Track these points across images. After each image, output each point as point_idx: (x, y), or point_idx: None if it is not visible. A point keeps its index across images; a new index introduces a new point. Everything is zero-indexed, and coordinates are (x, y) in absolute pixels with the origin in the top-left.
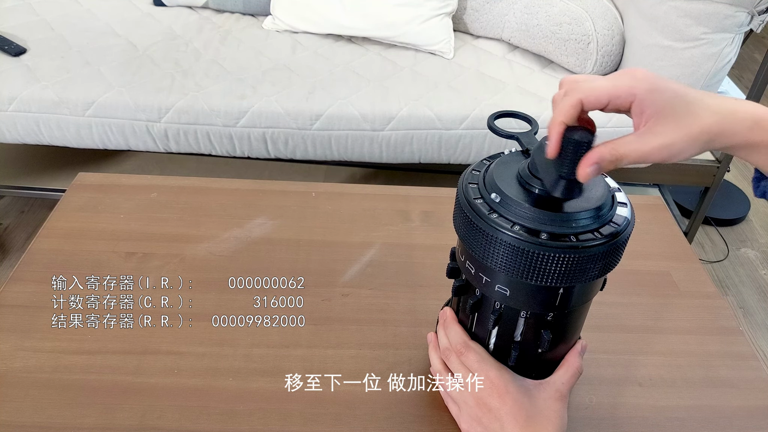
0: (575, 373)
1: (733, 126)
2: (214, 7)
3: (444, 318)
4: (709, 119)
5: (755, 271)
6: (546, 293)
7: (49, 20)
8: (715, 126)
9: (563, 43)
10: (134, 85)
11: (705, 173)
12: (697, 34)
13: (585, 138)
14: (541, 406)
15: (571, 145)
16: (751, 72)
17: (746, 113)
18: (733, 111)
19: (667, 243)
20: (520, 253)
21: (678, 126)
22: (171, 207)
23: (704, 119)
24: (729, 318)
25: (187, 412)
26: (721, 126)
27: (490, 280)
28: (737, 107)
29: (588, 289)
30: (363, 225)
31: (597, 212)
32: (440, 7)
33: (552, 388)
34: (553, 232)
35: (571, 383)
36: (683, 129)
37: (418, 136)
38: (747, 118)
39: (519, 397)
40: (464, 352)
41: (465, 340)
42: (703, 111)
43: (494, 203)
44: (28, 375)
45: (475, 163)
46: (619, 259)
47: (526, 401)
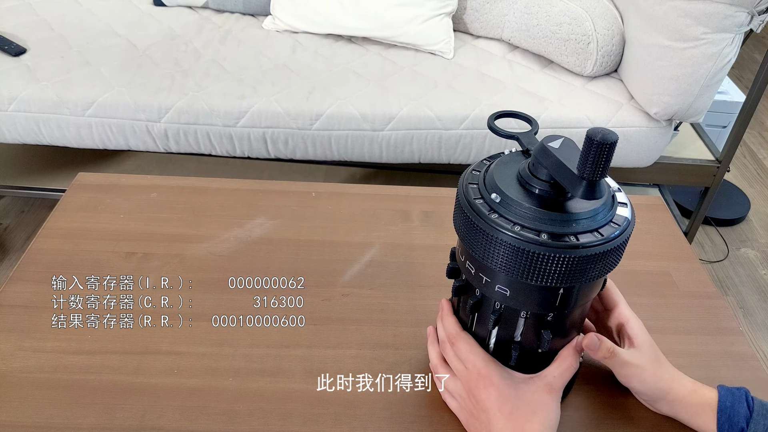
0: (568, 367)
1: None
2: (214, 7)
3: (440, 309)
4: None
5: (755, 271)
6: (546, 293)
7: (49, 20)
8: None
9: (563, 43)
10: (134, 85)
11: (705, 173)
12: (697, 34)
13: (609, 138)
14: (527, 398)
15: (594, 146)
16: (751, 72)
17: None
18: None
19: (667, 243)
20: (520, 253)
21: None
22: (171, 207)
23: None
24: (729, 318)
25: (187, 412)
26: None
27: (490, 280)
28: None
29: (588, 289)
30: (363, 225)
31: (597, 212)
32: (440, 7)
33: (542, 381)
34: (554, 232)
35: (564, 377)
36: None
37: (418, 136)
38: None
39: (504, 388)
40: (455, 342)
41: (457, 330)
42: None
43: (494, 203)
44: (28, 375)
45: (475, 164)
46: (619, 260)
47: (512, 393)
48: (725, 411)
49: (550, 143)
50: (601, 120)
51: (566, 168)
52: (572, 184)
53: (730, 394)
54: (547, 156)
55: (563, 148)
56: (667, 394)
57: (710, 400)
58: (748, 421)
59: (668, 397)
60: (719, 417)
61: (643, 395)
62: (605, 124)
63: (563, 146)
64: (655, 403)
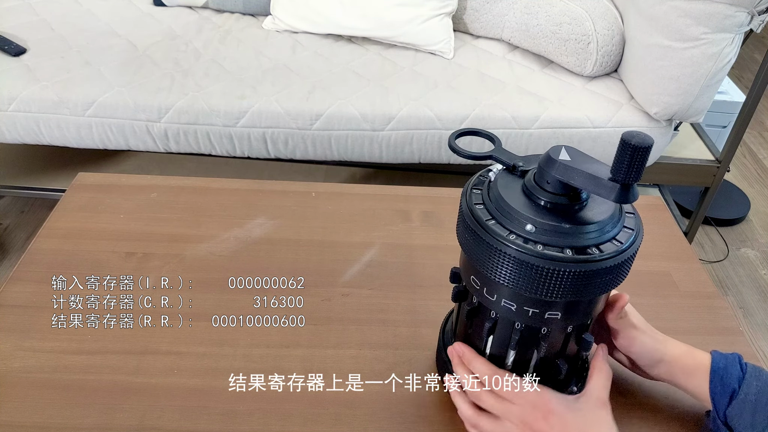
0: (608, 376)
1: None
2: (214, 7)
3: (461, 354)
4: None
5: (755, 271)
6: (584, 305)
7: (49, 20)
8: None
9: (563, 43)
10: (134, 85)
11: (705, 173)
12: (697, 34)
13: (645, 142)
14: (589, 418)
15: (630, 149)
16: (751, 72)
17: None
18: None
19: (667, 243)
20: (583, 276)
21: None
22: (171, 207)
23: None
24: (729, 318)
25: (187, 412)
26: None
27: (539, 311)
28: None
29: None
30: (363, 225)
31: (600, 227)
32: (440, 7)
33: (593, 396)
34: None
35: (608, 388)
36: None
37: (418, 136)
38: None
39: (564, 413)
40: (497, 383)
41: (493, 370)
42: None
43: (527, 232)
44: (28, 375)
45: (473, 181)
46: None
47: (572, 416)
48: (718, 372)
49: (561, 158)
50: (601, 120)
51: (594, 177)
52: (605, 191)
53: (723, 357)
54: (568, 171)
55: (575, 158)
56: (663, 355)
57: (704, 361)
58: (740, 383)
59: (665, 358)
60: (712, 378)
61: (642, 360)
62: (605, 124)
63: (573, 156)
64: (653, 368)
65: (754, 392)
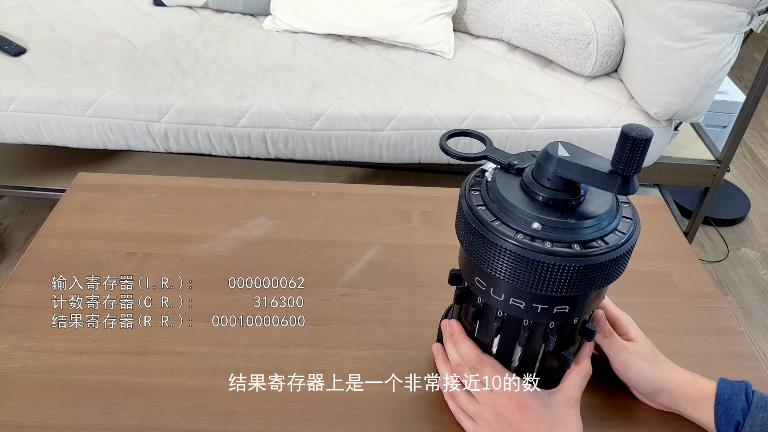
0: (585, 375)
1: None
2: (214, 7)
3: (452, 332)
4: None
5: (755, 271)
6: (579, 300)
7: (49, 20)
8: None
9: (563, 43)
10: (134, 85)
11: (705, 173)
12: (697, 34)
13: (645, 134)
14: (558, 413)
15: (630, 141)
16: (751, 72)
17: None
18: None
19: (667, 243)
20: (585, 270)
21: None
22: (171, 207)
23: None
24: (729, 318)
25: (187, 412)
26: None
27: (520, 300)
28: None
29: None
30: (363, 225)
31: (601, 220)
32: (440, 7)
33: (565, 394)
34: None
35: (582, 387)
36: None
37: (418, 136)
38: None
39: (537, 408)
40: (479, 367)
41: (478, 354)
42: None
43: (534, 231)
44: (28, 375)
45: (469, 182)
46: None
47: (544, 411)
48: (722, 404)
49: (560, 154)
50: (600, 120)
51: (594, 170)
52: (606, 183)
53: (730, 386)
54: (568, 166)
55: (573, 153)
56: (666, 384)
57: (709, 391)
58: (745, 415)
59: (667, 387)
60: (716, 409)
61: (641, 387)
62: (605, 124)
63: (570, 151)
64: (655, 396)
65: (759, 424)
